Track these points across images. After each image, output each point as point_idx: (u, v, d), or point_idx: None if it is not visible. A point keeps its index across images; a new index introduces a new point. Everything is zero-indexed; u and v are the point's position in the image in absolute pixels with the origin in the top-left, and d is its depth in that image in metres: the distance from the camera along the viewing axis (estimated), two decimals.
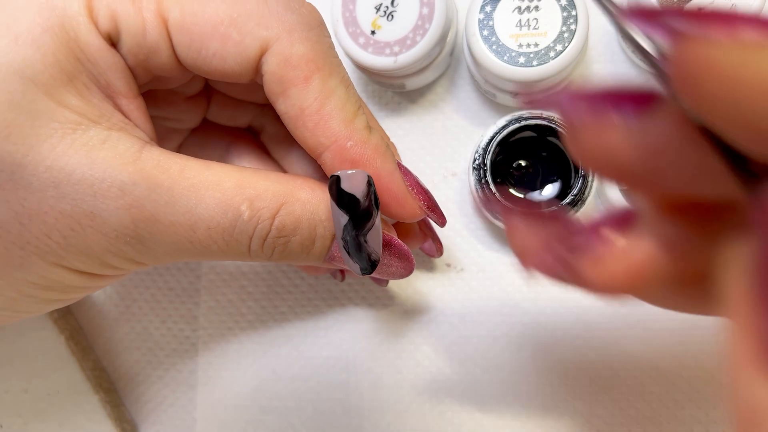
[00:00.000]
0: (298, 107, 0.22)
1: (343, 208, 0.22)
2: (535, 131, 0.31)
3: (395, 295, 0.35)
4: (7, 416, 0.34)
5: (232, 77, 0.23)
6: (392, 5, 0.30)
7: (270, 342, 0.36)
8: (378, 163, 0.23)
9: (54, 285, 0.22)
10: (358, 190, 0.22)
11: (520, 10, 0.29)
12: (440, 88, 0.35)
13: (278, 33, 0.22)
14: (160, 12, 0.22)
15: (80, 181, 0.20)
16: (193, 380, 0.36)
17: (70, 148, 0.20)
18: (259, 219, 0.22)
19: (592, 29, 0.33)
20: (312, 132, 0.22)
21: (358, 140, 0.23)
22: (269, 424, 0.35)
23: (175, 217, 0.21)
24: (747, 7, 0.27)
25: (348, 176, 0.22)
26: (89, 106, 0.21)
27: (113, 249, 0.21)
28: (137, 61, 0.22)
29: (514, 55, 0.29)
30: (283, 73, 0.22)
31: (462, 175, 0.34)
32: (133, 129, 0.22)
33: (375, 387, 0.34)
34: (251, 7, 0.22)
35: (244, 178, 0.22)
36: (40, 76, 0.20)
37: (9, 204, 0.20)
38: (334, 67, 0.23)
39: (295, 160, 0.29)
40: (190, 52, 0.22)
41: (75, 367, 0.35)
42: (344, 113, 0.22)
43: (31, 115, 0.20)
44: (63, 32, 0.20)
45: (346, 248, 0.23)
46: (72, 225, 0.21)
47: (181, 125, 0.29)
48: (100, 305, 0.37)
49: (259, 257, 0.23)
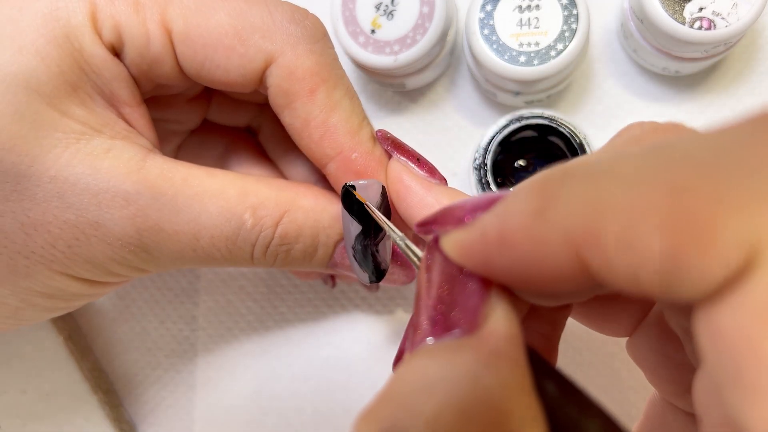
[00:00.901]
0: (304, 119, 0.22)
1: (356, 218, 0.22)
2: (536, 130, 0.31)
3: (395, 296, 0.35)
4: (6, 417, 0.34)
5: (236, 88, 0.23)
6: (392, 4, 0.30)
7: (269, 342, 0.36)
8: (382, 174, 0.23)
9: (58, 293, 0.22)
10: (372, 200, 0.22)
11: (521, 9, 0.29)
12: (440, 87, 0.35)
13: (283, 46, 0.22)
14: (164, 23, 0.21)
15: (84, 190, 0.20)
16: (192, 381, 0.36)
17: (74, 158, 0.20)
18: (262, 227, 0.22)
19: (594, 28, 0.33)
20: (317, 143, 0.23)
21: (363, 152, 0.23)
22: (269, 424, 0.35)
23: (179, 226, 0.21)
24: (747, 9, 0.27)
25: (363, 186, 0.22)
26: (93, 115, 0.21)
27: (117, 258, 0.21)
28: (140, 71, 0.22)
29: (515, 54, 0.29)
30: (288, 86, 0.22)
31: (463, 175, 0.34)
32: (137, 137, 0.22)
33: (375, 387, 0.34)
34: (256, 19, 0.22)
35: (247, 186, 0.22)
36: (44, 86, 0.20)
37: (14, 214, 0.20)
38: (338, 79, 0.23)
39: (292, 160, 0.29)
40: (193, 63, 0.22)
41: (73, 367, 0.35)
42: (349, 125, 0.22)
43: (36, 125, 0.20)
44: (67, 43, 0.20)
45: (356, 257, 0.23)
46: (76, 234, 0.21)
47: (182, 127, 0.29)
48: (98, 306, 0.37)
49: (261, 264, 0.23)
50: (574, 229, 0.12)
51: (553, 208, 0.12)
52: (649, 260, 0.11)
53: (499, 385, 0.12)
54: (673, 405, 0.19)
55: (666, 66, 0.31)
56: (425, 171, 0.23)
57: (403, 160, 0.23)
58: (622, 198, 0.11)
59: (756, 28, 0.32)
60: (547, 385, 0.14)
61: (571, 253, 0.12)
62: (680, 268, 0.10)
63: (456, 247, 0.15)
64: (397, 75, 0.31)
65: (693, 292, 0.10)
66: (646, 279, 0.11)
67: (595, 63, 0.33)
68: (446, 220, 0.16)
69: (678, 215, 0.10)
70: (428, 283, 0.15)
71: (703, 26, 0.27)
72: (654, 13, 0.28)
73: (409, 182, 0.22)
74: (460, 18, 0.33)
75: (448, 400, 0.12)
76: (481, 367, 0.13)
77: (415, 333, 0.14)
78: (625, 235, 0.11)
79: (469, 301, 0.14)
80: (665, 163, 0.11)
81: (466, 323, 0.14)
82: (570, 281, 0.12)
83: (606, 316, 0.20)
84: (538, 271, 0.13)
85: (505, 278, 0.14)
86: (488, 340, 0.13)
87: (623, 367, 0.32)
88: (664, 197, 0.11)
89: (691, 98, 0.33)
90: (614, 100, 0.33)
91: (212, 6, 0.22)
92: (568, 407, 0.14)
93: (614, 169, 0.12)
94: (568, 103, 0.33)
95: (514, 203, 0.13)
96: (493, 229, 0.14)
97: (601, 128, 0.33)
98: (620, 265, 0.11)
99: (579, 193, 0.12)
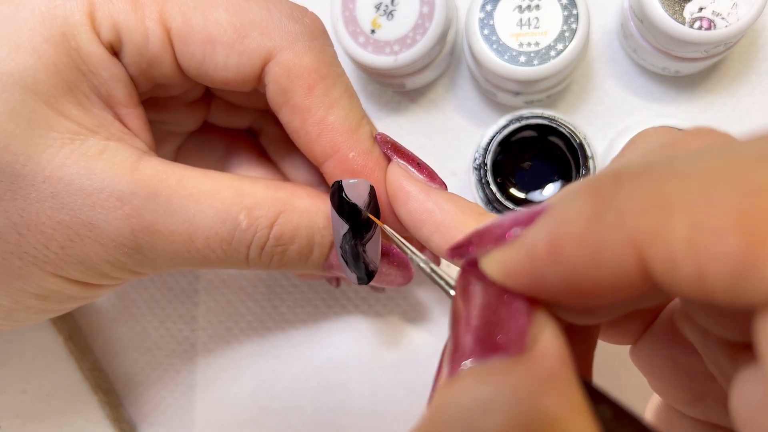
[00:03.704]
0: (301, 117, 0.22)
1: (344, 217, 0.22)
2: (536, 130, 0.30)
3: (395, 296, 0.34)
4: (6, 417, 0.34)
5: (235, 86, 0.23)
6: (392, 4, 0.30)
7: (269, 343, 0.36)
8: (380, 174, 0.23)
9: (51, 295, 0.22)
10: (360, 200, 0.22)
11: (521, 9, 0.29)
12: (440, 87, 0.35)
13: (281, 43, 0.22)
14: (163, 21, 0.21)
15: (78, 191, 0.20)
16: (192, 381, 0.36)
17: (68, 159, 0.20)
18: (257, 228, 0.22)
19: (593, 28, 0.33)
20: (315, 141, 0.22)
21: (361, 151, 0.22)
22: (269, 424, 0.35)
23: (173, 227, 0.21)
24: (747, 9, 0.27)
25: (350, 185, 0.22)
26: (88, 116, 0.21)
27: (111, 259, 0.21)
28: (139, 70, 0.22)
29: (515, 54, 0.29)
30: (287, 84, 0.22)
31: (462, 175, 0.34)
32: (132, 139, 0.22)
33: (375, 387, 0.34)
34: (254, 16, 0.22)
35: (242, 186, 0.22)
36: (40, 85, 0.20)
37: (7, 214, 0.20)
38: (337, 77, 0.23)
39: (293, 162, 0.29)
40: (192, 61, 0.22)
41: (73, 367, 0.35)
42: (347, 123, 0.22)
43: (31, 124, 0.20)
44: (64, 42, 0.20)
45: (344, 257, 0.23)
46: (70, 235, 0.21)
47: (181, 129, 0.29)
48: (98, 306, 0.37)
49: (257, 266, 0.23)
50: (637, 229, 0.11)
51: (611, 210, 0.12)
52: (721, 261, 0.10)
53: (560, 405, 0.12)
54: (680, 412, 0.19)
55: (666, 66, 0.31)
56: (425, 175, 0.22)
57: (403, 164, 0.23)
58: (691, 196, 0.11)
59: (756, 28, 0.32)
60: (601, 409, 0.14)
61: (633, 257, 0.11)
62: (755, 269, 0.10)
63: (499, 267, 0.14)
64: (397, 75, 0.31)
65: (764, 295, 0.10)
66: (714, 281, 0.10)
67: (595, 63, 0.33)
68: (485, 240, 0.15)
69: (754, 215, 0.10)
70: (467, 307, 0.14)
71: (703, 26, 0.27)
72: (654, 13, 0.28)
73: (409, 187, 0.22)
74: (460, 18, 0.33)
75: (509, 421, 0.12)
76: (539, 387, 0.12)
77: (456, 355, 0.14)
78: (695, 235, 0.10)
79: (515, 322, 0.14)
80: (737, 162, 0.11)
81: (515, 344, 0.13)
82: (627, 289, 0.12)
83: (614, 325, 0.20)
84: (595, 280, 0.12)
85: (555, 294, 0.13)
86: (540, 360, 0.13)
87: (623, 367, 0.32)
88: (738, 196, 0.10)
89: (691, 98, 0.32)
90: (614, 100, 0.33)
91: (211, 3, 0.22)
92: (623, 430, 0.14)
93: (679, 168, 0.11)
94: (568, 103, 0.33)
95: (564, 211, 0.13)
96: (543, 241, 0.13)
97: (601, 128, 0.33)
98: (688, 266, 0.11)
99: (639, 192, 0.12)
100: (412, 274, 0.26)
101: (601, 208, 0.12)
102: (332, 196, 0.22)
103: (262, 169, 0.30)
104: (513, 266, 0.14)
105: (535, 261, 0.13)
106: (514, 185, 0.32)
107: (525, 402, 0.12)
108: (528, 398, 0.12)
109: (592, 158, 0.29)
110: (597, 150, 0.31)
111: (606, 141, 0.33)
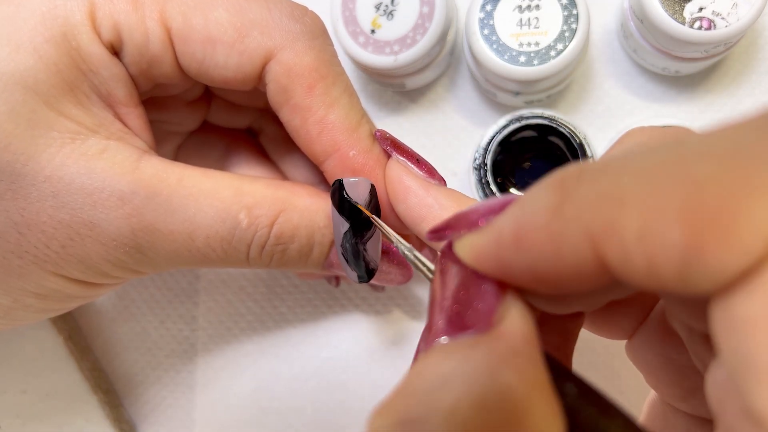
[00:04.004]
0: (302, 116, 0.22)
1: (344, 215, 0.22)
2: (536, 130, 0.30)
3: (395, 296, 0.34)
4: (6, 417, 0.34)
5: (235, 85, 0.23)
6: (392, 4, 0.30)
7: (269, 342, 0.36)
8: (380, 173, 0.23)
9: (51, 294, 0.22)
10: (361, 198, 0.22)
11: (521, 9, 0.29)
12: (440, 87, 0.35)
13: (282, 43, 0.22)
14: (163, 20, 0.21)
15: (79, 190, 0.20)
16: (192, 381, 0.36)
17: (68, 158, 0.20)
18: (257, 227, 0.22)
19: (593, 28, 0.33)
20: (315, 140, 0.22)
21: (361, 149, 0.22)
22: (269, 424, 0.35)
23: (173, 226, 0.21)
24: (747, 9, 0.27)
25: (351, 184, 0.22)
26: (89, 115, 0.21)
27: (112, 258, 0.21)
28: (140, 70, 0.22)
29: (515, 54, 0.29)
30: (287, 83, 0.22)
31: (462, 175, 0.34)
32: (132, 138, 0.22)
33: (375, 387, 0.34)
34: (255, 16, 0.22)
35: (242, 186, 0.22)
36: (41, 85, 0.20)
37: (8, 213, 0.20)
38: (337, 76, 0.23)
39: (292, 161, 0.29)
40: (192, 60, 0.22)
41: (73, 367, 0.35)
42: (347, 122, 0.22)
43: (31, 124, 0.20)
44: (65, 42, 0.20)
45: (344, 256, 0.23)
46: (71, 234, 0.21)
47: (181, 128, 0.29)
48: (98, 306, 0.37)
49: (257, 264, 0.23)
50: (593, 223, 0.12)
51: (571, 204, 0.12)
52: (668, 251, 0.11)
53: (518, 380, 0.13)
54: (673, 407, 0.19)
55: (666, 66, 0.31)
56: (424, 171, 0.23)
57: (402, 160, 0.23)
58: (641, 191, 0.11)
59: (756, 28, 0.32)
60: (565, 386, 0.14)
61: (590, 249, 0.12)
62: (700, 258, 0.10)
63: (470, 250, 0.15)
64: (397, 75, 0.31)
65: (712, 282, 0.10)
66: (665, 271, 0.11)
67: (595, 63, 0.33)
68: (460, 225, 0.16)
69: (698, 206, 0.10)
70: (442, 288, 0.15)
71: (703, 26, 0.27)
72: (654, 13, 0.28)
73: (409, 183, 0.22)
74: (460, 18, 0.33)
75: (466, 394, 0.12)
76: (499, 363, 0.13)
77: (430, 333, 0.14)
78: (645, 227, 0.11)
79: (484, 302, 0.14)
80: (683, 157, 0.11)
81: (481, 323, 0.14)
82: (587, 279, 0.12)
83: (606, 319, 0.20)
84: (555, 269, 0.13)
85: (520, 280, 0.14)
86: (504, 338, 0.14)
87: (623, 367, 0.32)
88: (683, 189, 0.11)
89: (691, 98, 0.33)
90: (614, 100, 0.33)
91: (211, 3, 0.22)
92: (587, 408, 0.14)
93: (631, 164, 0.12)
94: (568, 103, 0.33)
95: (529, 202, 0.13)
96: (509, 229, 0.14)
97: (601, 128, 0.33)
98: (639, 257, 0.11)
99: (597, 187, 0.12)
100: (412, 272, 0.26)
101: (562, 201, 0.12)
102: (333, 194, 0.22)
103: (262, 169, 0.30)
104: (482, 251, 0.15)
105: (501, 248, 0.14)
106: (514, 185, 0.32)
107: (484, 376, 0.12)
108: (487, 373, 0.12)
109: (592, 158, 0.29)
110: (597, 150, 0.31)
111: (606, 141, 0.33)
